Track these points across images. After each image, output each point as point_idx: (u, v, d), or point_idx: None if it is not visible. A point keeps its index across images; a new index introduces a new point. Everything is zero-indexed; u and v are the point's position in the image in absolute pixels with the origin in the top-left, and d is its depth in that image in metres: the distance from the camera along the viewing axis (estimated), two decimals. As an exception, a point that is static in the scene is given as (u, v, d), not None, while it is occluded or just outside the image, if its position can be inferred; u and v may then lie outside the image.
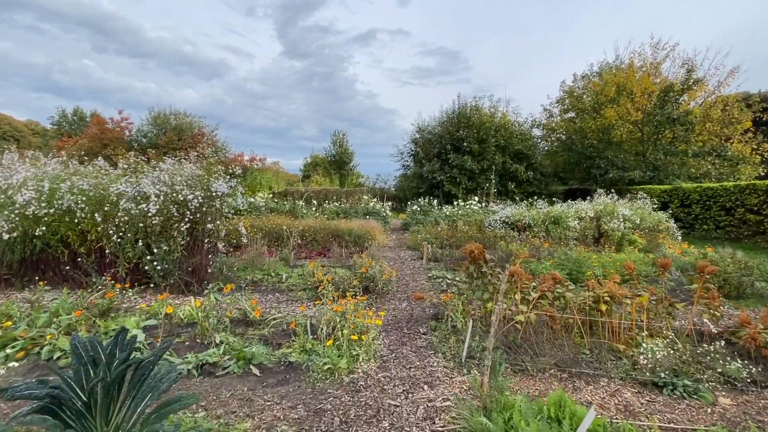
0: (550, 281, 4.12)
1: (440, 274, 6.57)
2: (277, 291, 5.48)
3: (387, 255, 8.90)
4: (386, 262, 7.94)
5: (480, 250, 4.20)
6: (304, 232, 9.65)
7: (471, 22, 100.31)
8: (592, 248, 8.81)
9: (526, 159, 20.81)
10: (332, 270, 6.61)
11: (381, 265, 5.36)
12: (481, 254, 4.19)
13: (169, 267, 5.07)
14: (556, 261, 6.28)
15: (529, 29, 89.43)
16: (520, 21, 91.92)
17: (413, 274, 6.73)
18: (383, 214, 13.04)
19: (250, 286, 5.69)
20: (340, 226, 10.02)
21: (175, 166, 5.57)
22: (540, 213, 11.22)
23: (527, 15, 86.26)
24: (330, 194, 16.68)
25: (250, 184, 16.15)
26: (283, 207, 12.33)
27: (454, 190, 20.29)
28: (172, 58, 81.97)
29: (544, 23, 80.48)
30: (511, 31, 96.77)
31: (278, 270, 6.55)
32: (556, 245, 9.08)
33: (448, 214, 13.04)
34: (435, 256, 8.09)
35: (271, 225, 9.58)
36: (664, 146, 17.84)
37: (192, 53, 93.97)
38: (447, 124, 21.70)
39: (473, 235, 9.68)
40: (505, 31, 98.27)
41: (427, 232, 10.39)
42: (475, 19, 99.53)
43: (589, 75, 22.76)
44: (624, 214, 10.40)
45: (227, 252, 7.38)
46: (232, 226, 6.72)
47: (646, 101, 18.43)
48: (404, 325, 4.10)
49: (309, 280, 5.24)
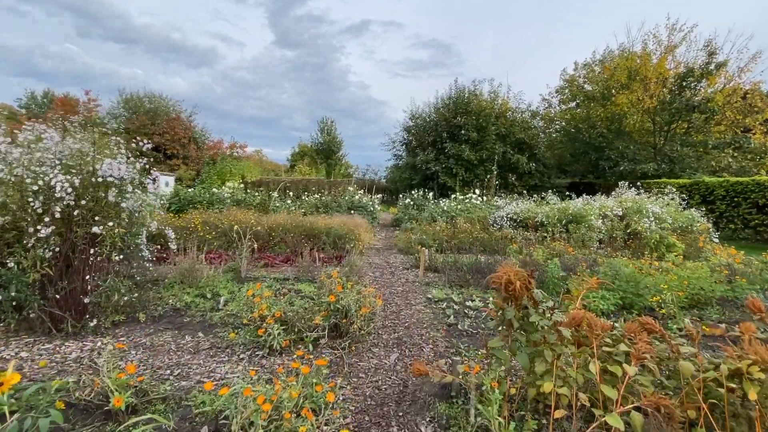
0: (640, 332, 2.40)
1: (442, 293, 4.82)
2: (204, 327, 3.66)
3: (373, 261, 7.13)
4: (371, 271, 6.16)
5: (524, 280, 2.44)
6: (271, 230, 7.80)
7: (465, 15, 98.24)
8: (625, 254, 7.18)
9: (528, 149, 19.13)
10: (294, 289, 4.81)
11: (360, 288, 3.58)
12: (526, 286, 2.44)
13: (23, 294, 3.21)
14: (602, 278, 4.59)
15: (523, 22, 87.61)
16: (515, 14, 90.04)
17: (406, 294, 4.97)
18: (371, 208, 11.22)
19: (168, 318, 3.87)
20: (317, 223, 8.20)
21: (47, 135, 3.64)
22: (554, 209, 9.56)
23: (522, 8, 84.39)
24: (311, 185, 14.78)
25: (219, 172, 14.16)
26: (252, 199, 10.41)
27: (450, 182, 18.56)
28: (159, 44, 77.97)
29: (539, 16, 78.71)
30: (505, 25, 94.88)
31: (219, 288, 4.73)
32: (579, 249, 7.43)
33: (445, 210, 11.30)
34: (433, 264, 6.35)
35: (230, 222, 7.71)
36: (680, 137, 16.35)
37: (180, 40, 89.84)
38: (443, 110, 19.84)
39: (479, 236, 7.95)
40: (499, 25, 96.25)
41: (422, 232, 8.63)
42: (469, 12, 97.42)
43: (591, 63, 21.25)
44: (654, 212, 8.80)
45: (156, 260, 5.52)
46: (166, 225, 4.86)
47: (661, 87, 16.88)
48: (392, 414, 2.34)
49: (252, 312, 3.43)
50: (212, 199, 10.02)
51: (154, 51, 75.73)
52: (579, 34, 63.84)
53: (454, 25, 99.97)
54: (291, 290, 4.82)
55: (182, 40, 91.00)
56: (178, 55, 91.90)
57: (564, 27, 68.69)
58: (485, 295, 4.83)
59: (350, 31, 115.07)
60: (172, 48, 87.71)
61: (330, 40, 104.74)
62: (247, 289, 4.61)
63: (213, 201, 10.00)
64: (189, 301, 4.29)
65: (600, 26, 57.49)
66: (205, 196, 10.03)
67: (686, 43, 16.72)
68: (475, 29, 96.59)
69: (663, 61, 16.37)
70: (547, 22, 76.32)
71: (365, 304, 3.38)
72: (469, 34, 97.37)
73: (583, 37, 58.39)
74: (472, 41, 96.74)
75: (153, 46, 75.06)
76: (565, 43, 65.77)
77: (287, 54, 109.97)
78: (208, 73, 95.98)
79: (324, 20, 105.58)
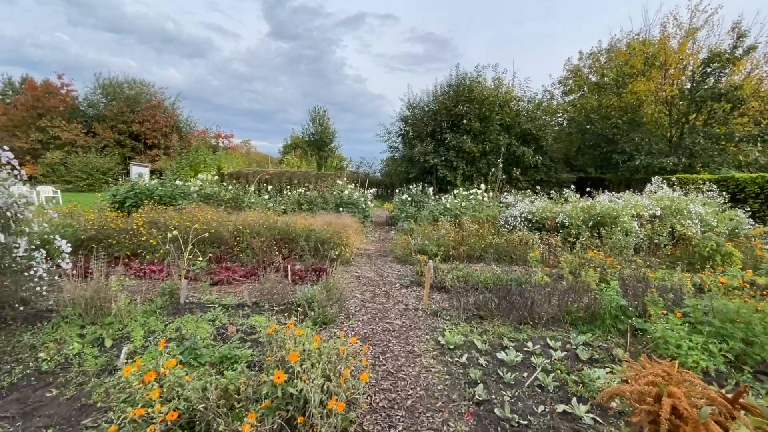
0: None
1: (459, 335, 3.36)
2: (72, 413, 2.19)
3: (363, 273, 5.66)
4: (359, 290, 4.69)
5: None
6: (238, 233, 6.30)
7: (460, 8, 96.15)
8: (669, 264, 5.79)
9: (535, 141, 17.66)
10: (245, 328, 3.32)
11: (337, 345, 2.13)
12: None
13: None
14: (696, 319, 3.17)
15: (520, 17, 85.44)
16: (511, 8, 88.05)
17: (406, 334, 3.51)
18: (362, 205, 9.70)
19: (22, 391, 2.38)
20: (295, 224, 6.71)
21: None
22: (577, 208, 8.15)
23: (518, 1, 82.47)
24: (296, 177, 13.20)
25: (192, 163, 12.55)
26: (223, 194, 8.85)
27: (450, 176, 17.09)
28: (153, 35, 74.55)
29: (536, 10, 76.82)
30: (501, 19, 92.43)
31: (134, 326, 3.24)
32: (615, 258, 6.03)
33: (448, 207, 9.83)
34: (440, 280, 4.89)
35: (188, 222, 6.20)
36: (700, 128, 15.02)
37: (174, 31, 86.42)
38: (443, 98, 18.27)
39: (492, 241, 6.51)
40: (496, 19, 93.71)
41: (423, 235, 7.17)
42: (464, 5, 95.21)
43: (597, 53, 19.85)
44: (697, 213, 7.44)
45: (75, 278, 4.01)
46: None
47: (680, 74, 15.49)
48: None
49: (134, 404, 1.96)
50: (174, 193, 8.44)
51: (148, 41, 72.64)
52: (577, 28, 62.19)
53: (450, 19, 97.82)
54: (241, 328, 3.34)
55: (177, 30, 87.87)
56: (172, 46, 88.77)
57: (562, 21, 66.94)
58: (519, 336, 3.39)
59: (346, 23, 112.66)
60: (167, 39, 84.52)
61: (326, 33, 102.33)
62: (178, 329, 3.15)
63: (175, 195, 8.42)
64: (74, 353, 2.80)
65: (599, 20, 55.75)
66: (166, 189, 8.45)
67: (709, 26, 15.31)
68: (470, 23, 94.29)
69: (684, 45, 14.94)
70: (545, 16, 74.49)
71: (340, 385, 1.92)
72: (465, 29, 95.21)
73: (582, 32, 56.65)
74: (468, 35, 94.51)
75: (146, 37, 71.97)
76: (563, 37, 64.14)
77: (283, 46, 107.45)
78: (203, 65, 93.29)
79: (319, 12, 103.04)
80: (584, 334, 3.51)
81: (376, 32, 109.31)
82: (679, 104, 15.79)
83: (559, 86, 21.92)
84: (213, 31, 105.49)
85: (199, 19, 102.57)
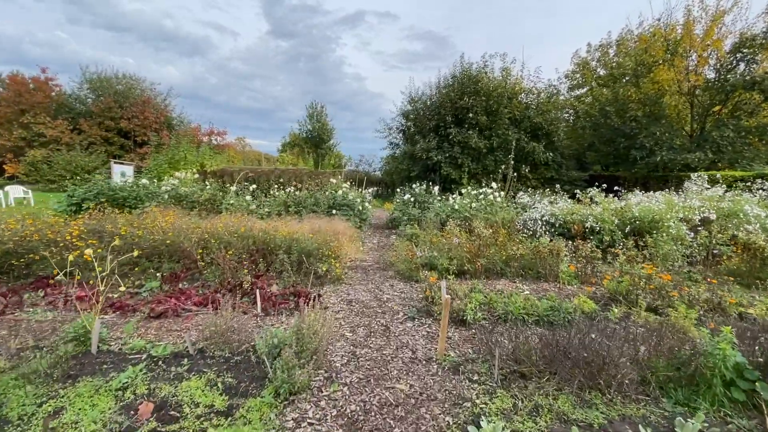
0: None
1: (500, 419, 2.20)
2: None
3: (355, 296, 4.47)
4: (348, 326, 3.49)
5: None
6: (204, 244, 5.13)
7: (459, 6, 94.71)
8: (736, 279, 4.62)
9: (546, 136, 16.45)
10: (175, 402, 2.14)
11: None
12: None
13: None
14: None
15: (520, 15, 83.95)
16: (511, 6, 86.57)
17: (415, 412, 2.34)
18: (358, 207, 8.50)
19: None
20: (276, 231, 5.53)
21: None
22: (608, 211, 6.99)
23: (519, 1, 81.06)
24: (286, 175, 11.99)
25: (170, 160, 11.35)
26: (197, 195, 7.65)
27: (455, 174, 15.90)
28: (151, 32, 73.19)
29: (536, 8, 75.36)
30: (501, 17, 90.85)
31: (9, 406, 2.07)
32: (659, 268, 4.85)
33: (457, 208, 8.65)
34: (457, 311, 3.71)
35: (141, 231, 5.05)
36: (729, 121, 13.81)
37: (172, 28, 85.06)
38: (447, 90, 17.06)
39: (516, 252, 5.31)
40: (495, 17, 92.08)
41: (431, 244, 5.99)
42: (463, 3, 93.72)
43: (606, 45, 18.74)
44: (756, 215, 6.27)
45: None
46: None
47: (706, 62, 14.27)
48: None
49: None
50: (140, 194, 7.25)
51: (146, 39, 71.30)
52: (578, 27, 60.81)
53: (448, 16, 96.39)
54: (165, 403, 2.17)
55: (175, 28, 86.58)
56: (170, 43, 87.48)
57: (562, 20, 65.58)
58: (588, 416, 2.22)
59: (345, 21, 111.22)
60: (165, 37, 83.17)
61: (324, 31, 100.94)
62: (59, 405, 2.02)
63: (141, 196, 7.24)
64: None
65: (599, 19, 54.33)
66: (130, 189, 7.26)
67: (737, 10, 14.08)
68: (470, 21, 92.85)
69: (711, 29, 13.72)
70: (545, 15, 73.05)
71: None
72: (465, 27, 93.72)
73: (582, 31, 55.43)
74: (468, 33, 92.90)
75: (144, 34, 70.58)
76: (563, 36, 62.86)
77: (281, 44, 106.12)
78: (201, 63, 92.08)
79: (318, 10, 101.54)
80: (681, 405, 2.35)
81: (375, 30, 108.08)
82: (701, 96, 14.59)
83: (566, 80, 20.80)
84: (211, 29, 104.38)
85: (197, 16, 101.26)
